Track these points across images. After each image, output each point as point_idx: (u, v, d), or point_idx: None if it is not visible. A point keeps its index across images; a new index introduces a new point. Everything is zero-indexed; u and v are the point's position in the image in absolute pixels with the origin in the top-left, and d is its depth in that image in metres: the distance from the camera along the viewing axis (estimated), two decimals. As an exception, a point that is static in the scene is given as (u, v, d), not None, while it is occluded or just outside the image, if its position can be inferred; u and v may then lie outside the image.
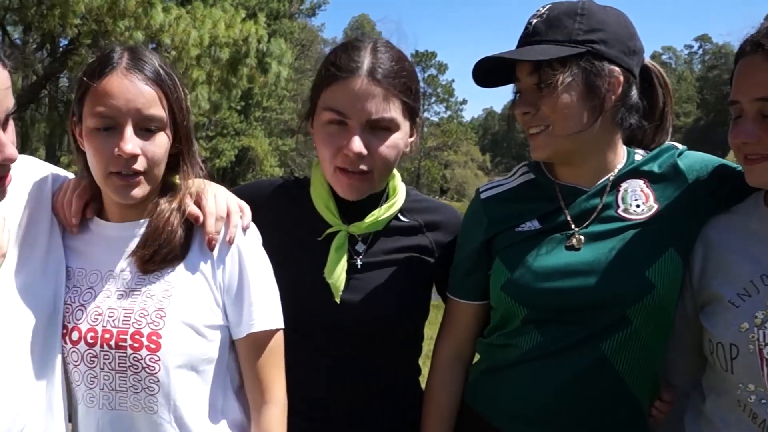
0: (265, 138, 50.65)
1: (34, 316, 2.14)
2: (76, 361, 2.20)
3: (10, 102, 1.89)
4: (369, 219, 2.61)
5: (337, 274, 2.54)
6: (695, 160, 2.44)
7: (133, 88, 2.13)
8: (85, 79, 2.17)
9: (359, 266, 2.60)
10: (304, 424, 2.48)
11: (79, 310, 2.23)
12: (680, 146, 2.50)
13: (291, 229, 2.66)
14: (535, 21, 2.34)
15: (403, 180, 2.76)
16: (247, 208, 2.37)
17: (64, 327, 2.23)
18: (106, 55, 2.21)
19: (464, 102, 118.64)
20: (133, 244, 2.27)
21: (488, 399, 2.55)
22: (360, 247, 2.63)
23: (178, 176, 2.35)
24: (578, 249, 2.36)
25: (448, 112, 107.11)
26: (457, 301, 2.65)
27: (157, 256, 2.22)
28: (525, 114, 2.35)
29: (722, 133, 2.37)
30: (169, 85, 2.20)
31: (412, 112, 2.56)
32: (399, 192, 2.70)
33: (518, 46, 2.37)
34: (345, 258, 2.57)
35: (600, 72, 2.30)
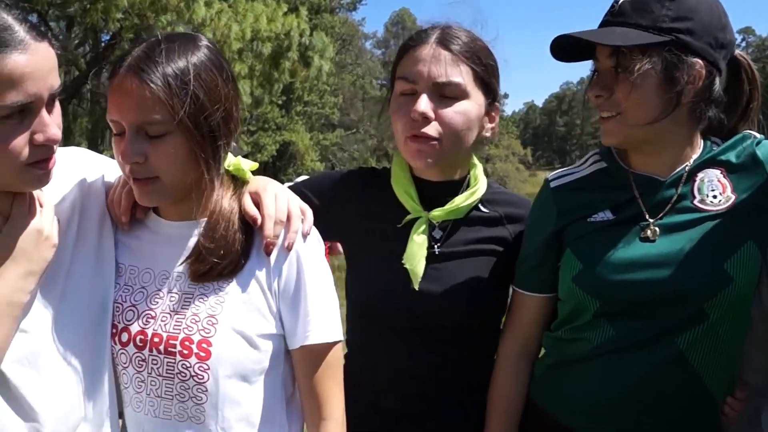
0: (306, 132, 50.72)
1: (85, 312, 2.08)
2: (124, 363, 2.12)
3: (55, 82, 1.83)
4: (449, 206, 2.55)
5: (417, 261, 2.49)
6: None
7: (134, 93, 1.96)
8: (108, 79, 2.07)
9: (437, 254, 2.55)
10: (376, 416, 2.49)
11: (129, 310, 2.14)
12: (758, 135, 2.38)
13: (368, 218, 2.63)
14: (621, 1, 2.23)
15: None
16: (309, 211, 2.23)
17: (114, 326, 2.13)
18: (121, 58, 2.05)
19: (506, 96, 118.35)
20: (191, 244, 2.14)
21: (556, 394, 2.48)
22: (437, 233, 2.58)
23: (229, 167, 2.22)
24: (653, 240, 2.27)
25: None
26: (523, 294, 2.57)
27: (213, 271, 2.09)
28: (597, 97, 2.27)
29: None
30: (176, 86, 1.97)
31: (485, 85, 2.51)
32: (480, 181, 2.64)
33: (601, 25, 2.28)
34: (425, 245, 2.52)
35: (681, 64, 2.18)
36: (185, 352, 2.03)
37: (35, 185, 1.90)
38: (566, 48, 2.33)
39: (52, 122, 1.82)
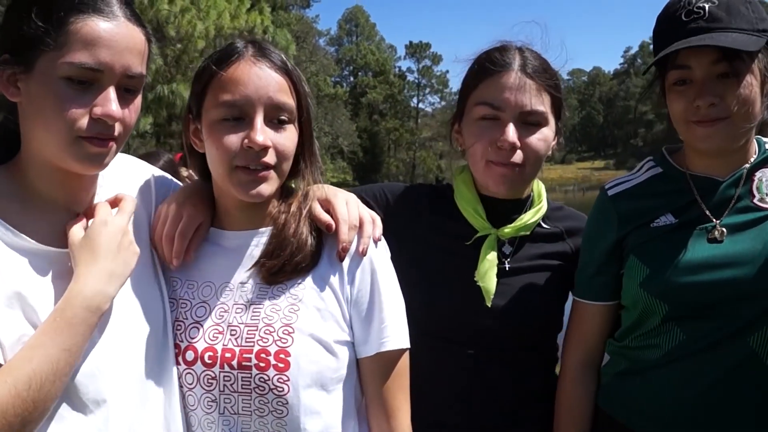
0: (261, 130, 50.48)
1: (149, 333, 1.99)
2: (191, 384, 2.01)
3: (134, 65, 1.81)
4: (519, 222, 2.58)
5: (489, 277, 2.49)
6: None
7: (264, 75, 1.99)
8: (213, 67, 2.01)
9: (507, 270, 2.56)
10: (442, 431, 2.45)
11: (193, 327, 2.05)
12: None
13: (434, 233, 2.62)
14: (707, 6, 2.21)
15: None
16: (378, 219, 2.21)
17: (176, 346, 2.04)
18: (227, 46, 2.07)
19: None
20: (255, 253, 2.09)
21: (627, 402, 2.46)
22: (507, 249, 2.60)
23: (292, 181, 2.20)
24: (721, 241, 2.28)
25: (443, 103, 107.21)
26: (585, 304, 2.57)
27: (288, 266, 2.04)
28: (711, 105, 2.20)
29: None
30: (296, 75, 2.07)
31: (558, 111, 2.58)
32: (544, 197, 2.68)
33: (690, 32, 2.21)
34: (495, 262, 2.52)
35: None
36: (262, 365, 1.95)
37: (87, 164, 1.82)
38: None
39: (115, 100, 1.78)
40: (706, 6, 2.20)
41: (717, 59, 2.18)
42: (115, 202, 1.96)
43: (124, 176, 2.13)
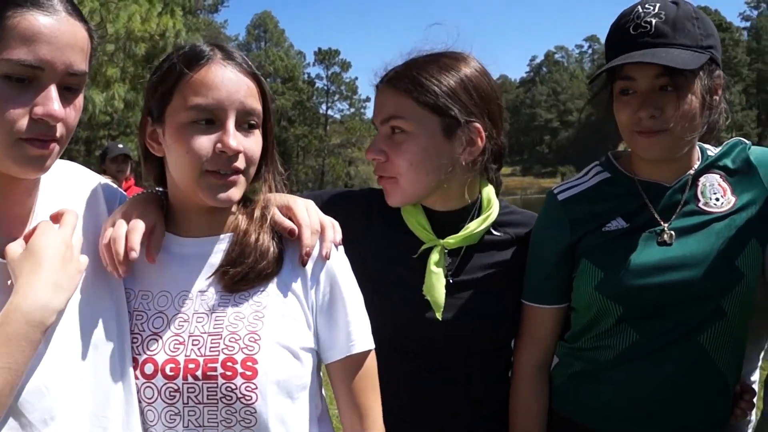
0: (170, 136, 49.73)
1: (103, 347, 1.88)
2: (150, 398, 1.91)
3: (76, 62, 1.70)
4: (464, 232, 2.52)
5: (437, 290, 2.45)
6: (764, 155, 2.48)
7: (236, 79, 1.95)
8: (185, 69, 1.93)
9: (454, 281, 2.51)
10: None
11: (151, 339, 1.95)
12: (747, 141, 2.53)
13: (384, 245, 2.57)
14: (654, 21, 2.29)
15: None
16: (337, 224, 2.18)
17: (133, 360, 1.93)
18: (192, 48, 1.99)
19: (368, 99, 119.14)
20: (215, 260, 2.03)
21: (584, 403, 2.51)
22: (449, 260, 2.54)
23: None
24: (670, 244, 2.37)
25: (352, 110, 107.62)
26: (535, 307, 2.57)
27: (252, 273, 1.99)
28: (651, 117, 2.28)
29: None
30: (263, 79, 2.04)
31: (437, 111, 2.42)
32: (494, 204, 2.60)
33: (637, 46, 2.29)
34: (442, 273, 2.48)
35: (715, 77, 2.35)
36: (229, 373, 1.88)
37: (28, 167, 1.71)
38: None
39: (57, 99, 1.67)
40: (653, 21, 2.28)
41: (659, 73, 2.25)
42: (56, 218, 1.84)
43: (69, 185, 2.01)
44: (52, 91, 1.66)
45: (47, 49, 1.64)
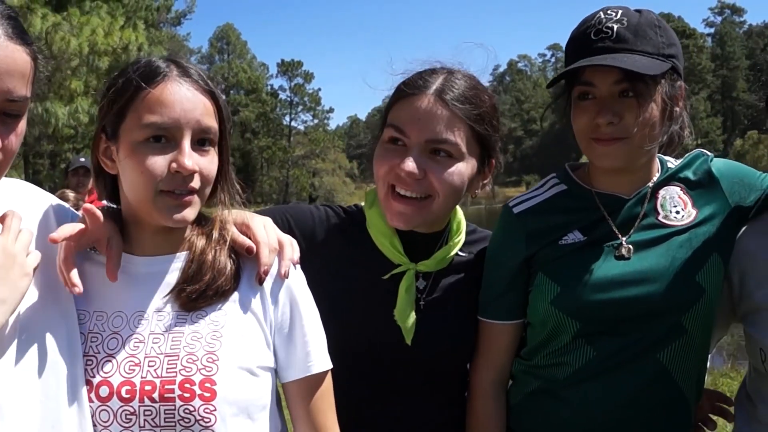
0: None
1: (54, 369, 1.81)
2: (106, 421, 1.86)
3: (15, 88, 1.65)
4: (438, 255, 2.51)
5: (408, 316, 2.43)
6: (727, 167, 2.48)
7: (192, 97, 1.92)
8: (143, 84, 1.91)
9: (422, 306, 2.49)
10: None
11: (106, 361, 1.91)
12: (709, 153, 2.53)
13: (348, 267, 2.51)
14: (616, 27, 2.26)
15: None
16: (295, 242, 2.17)
17: (87, 382, 1.89)
18: (148, 64, 1.96)
19: (331, 110, 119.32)
20: (171, 279, 2.01)
21: (541, 422, 2.49)
22: (421, 284, 2.52)
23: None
24: (628, 258, 2.35)
25: (315, 120, 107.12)
26: (492, 324, 2.54)
27: (209, 290, 1.97)
28: (609, 124, 2.25)
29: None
30: (220, 97, 2.01)
31: (483, 146, 2.43)
32: (463, 228, 2.61)
33: (597, 51, 2.26)
34: (413, 298, 2.45)
35: (676, 86, 2.33)
36: (187, 395, 1.85)
37: None
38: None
39: None
40: (615, 27, 2.25)
41: (619, 79, 2.22)
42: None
43: (18, 203, 1.92)
44: None
45: None
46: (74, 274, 1.88)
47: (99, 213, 1.94)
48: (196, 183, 1.92)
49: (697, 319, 2.32)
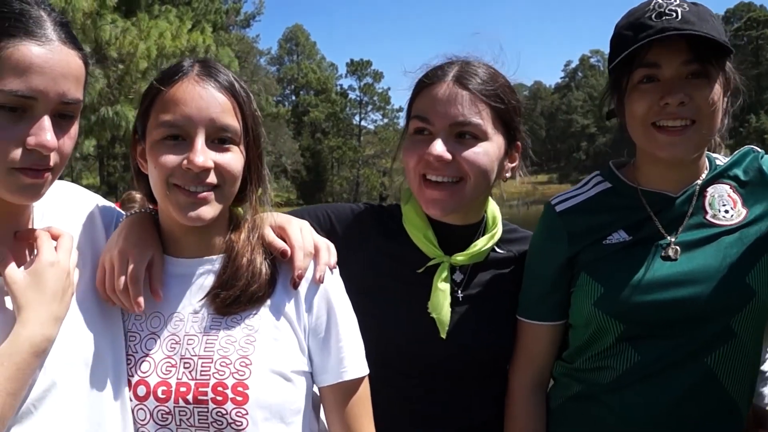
0: (205, 150, 50.31)
1: (96, 370, 1.89)
2: (143, 420, 1.93)
3: (70, 91, 1.73)
4: (473, 249, 2.49)
5: (443, 308, 2.42)
6: None
7: (206, 95, 1.93)
8: (155, 84, 1.98)
9: (460, 299, 2.49)
10: None
11: (144, 360, 1.97)
12: (759, 149, 2.44)
13: (383, 262, 2.53)
14: (679, 10, 2.17)
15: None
16: (332, 246, 2.18)
17: (127, 381, 1.96)
18: (174, 65, 2.03)
19: (400, 110, 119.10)
20: (207, 282, 2.03)
21: (581, 428, 2.42)
22: (458, 277, 2.51)
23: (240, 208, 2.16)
24: (675, 259, 2.27)
25: (385, 120, 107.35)
26: (531, 324, 2.50)
27: (243, 296, 1.99)
28: (680, 104, 2.16)
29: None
30: (243, 96, 2.00)
31: (506, 126, 2.45)
32: (499, 221, 2.60)
33: (661, 31, 2.15)
34: (449, 291, 2.45)
35: (732, 71, 2.27)
36: (219, 398, 1.89)
37: (22, 196, 1.75)
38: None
39: (50, 129, 1.69)
40: (679, 10, 2.18)
41: (688, 60, 2.16)
42: (53, 236, 1.87)
43: (66, 205, 2.05)
44: (45, 121, 1.69)
45: (40, 79, 1.66)
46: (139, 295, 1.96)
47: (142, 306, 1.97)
48: (212, 179, 1.92)
49: (747, 322, 2.22)
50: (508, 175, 2.53)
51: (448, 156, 2.32)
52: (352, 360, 2.09)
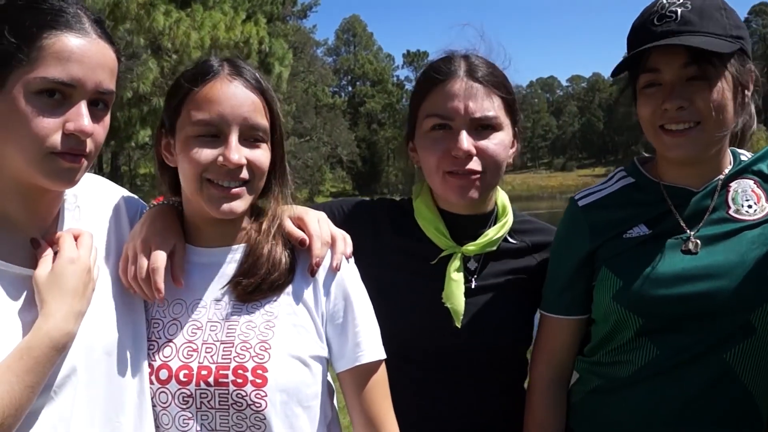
0: (260, 141, 50.71)
1: (121, 353, 1.96)
2: (164, 403, 2.00)
3: (105, 81, 1.82)
4: (484, 239, 2.53)
5: (457, 298, 2.45)
6: None
7: (240, 94, 2.02)
8: (185, 84, 2.04)
9: (474, 288, 2.51)
10: None
11: (166, 346, 2.04)
12: None
13: (396, 255, 2.57)
14: (680, 10, 2.18)
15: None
16: (348, 236, 2.24)
17: (149, 366, 2.03)
18: (203, 63, 2.09)
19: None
20: (229, 271, 2.11)
21: (601, 422, 2.40)
22: (472, 265, 2.55)
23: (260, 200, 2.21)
24: (695, 253, 2.23)
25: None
26: (553, 318, 2.50)
27: (264, 284, 2.06)
28: (679, 108, 2.16)
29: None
30: (270, 95, 2.09)
31: (512, 113, 2.51)
32: (509, 211, 2.63)
33: (660, 35, 2.18)
34: (462, 281, 2.47)
35: (746, 69, 2.22)
36: (239, 381, 1.95)
37: (58, 179, 1.81)
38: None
39: (87, 115, 1.78)
40: (679, 10, 2.18)
41: (686, 62, 2.15)
42: (76, 237, 1.94)
43: (94, 196, 2.12)
44: (83, 107, 1.77)
45: (79, 68, 1.76)
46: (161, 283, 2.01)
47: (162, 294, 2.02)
48: (244, 175, 2.01)
49: (767, 319, 2.17)
50: (511, 161, 2.57)
51: (474, 150, 2.38)
52: (369, 344, 2.15)
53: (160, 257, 2.02)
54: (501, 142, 2.44)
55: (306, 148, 63.77)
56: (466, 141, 2.36)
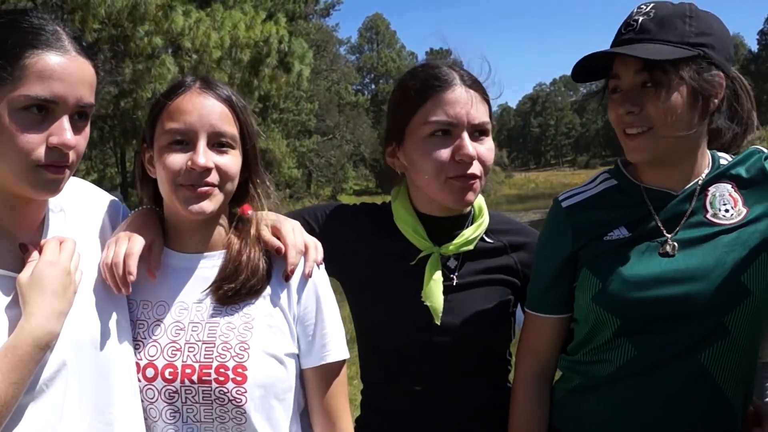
0: (282, 139, 50.72)
1: (108, 350, 2.08)
2: (152, 398, 2.17)
3: (86, 96, 1.92)
4: (460, 239, 2.61)
5: (436, 296, 2.54)
6: None
7: (208, 104, 2.18)
8: (161, 99, 2.22)
9: (455, 285, 2.60)
10: None
11: (152, 345, 2.20)
12: (765, 150, 2.42)
13: (377, 257, 2.67)
14: (641, 19, 2.27)
15: None
16: (320, 244, 2.38)
17: (136, 364, 2.19)
18: (178, 81, 2.28)
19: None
20: (209, 275, 2.26)
21: (582, 420, 2.47)
22: (452, 263, 2.63)
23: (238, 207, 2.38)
24: (672, 256, 2.29)
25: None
26: (537, 317, 2.57)
27: (244, 289, 2.21)
28: (628, 114, 2.26)
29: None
30: (240, 106, 2.25)
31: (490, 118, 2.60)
32: (485, 212, 2.71)
33: (621, 43, 2.29)
34: (441, 279, 2.56)
35: (708, 76, 2.25)
36: (221, 379, 2.12)
37: (44, 190, 1.92)
38: (584, 66, 2.35)
39: (69, 129, 1.88)
40: (640, 19, 2.27)
41: (639, 69, 2.23)
42: (60, 242, 2.03)
43: (77, 200, 2.23)
44: (65, 122, 1.88)
45: (60, 85, 1.86)
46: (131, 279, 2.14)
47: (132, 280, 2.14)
48: (213, 178, 2.15)
49: (741, 321, 2.23)
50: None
51: (476, 155, 2.47)
52: (334, 345, 2.32)
53: (137, 243, 2.16)
54: (491, 147, 2.55)
55: (329, 147, 63.77)
56: (471, 147, 2.46)
